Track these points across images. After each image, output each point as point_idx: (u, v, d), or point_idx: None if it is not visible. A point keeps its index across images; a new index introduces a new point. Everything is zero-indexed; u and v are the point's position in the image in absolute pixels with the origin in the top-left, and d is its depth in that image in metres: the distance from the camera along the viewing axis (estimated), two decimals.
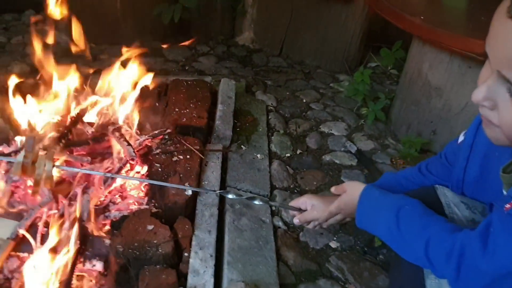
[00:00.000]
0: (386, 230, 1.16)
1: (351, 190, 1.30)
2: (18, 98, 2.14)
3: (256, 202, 1.62)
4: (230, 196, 1.65)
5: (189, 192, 1.85)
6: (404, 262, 1.14)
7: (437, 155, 1.49)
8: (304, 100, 3.03)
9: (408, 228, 1.11)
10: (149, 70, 2.99)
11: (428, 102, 2.52)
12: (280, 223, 1.99)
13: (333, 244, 1.96)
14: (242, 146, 2.37)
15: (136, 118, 2.25)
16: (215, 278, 1.58)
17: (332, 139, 2.64)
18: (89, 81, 2.37)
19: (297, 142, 2.58)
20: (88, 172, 1.86)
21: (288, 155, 2.46)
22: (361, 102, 3.02)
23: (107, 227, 1.81)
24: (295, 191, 2.21)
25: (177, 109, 2.35)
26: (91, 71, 2.59)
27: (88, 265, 1.70)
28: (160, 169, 1.96)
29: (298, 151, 2.50)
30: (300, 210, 1.55)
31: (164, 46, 3.51)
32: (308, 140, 2.62)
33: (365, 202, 1.24)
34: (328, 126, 2.75)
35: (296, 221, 1.55)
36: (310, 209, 1.50)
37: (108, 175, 1.87)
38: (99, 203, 1.87)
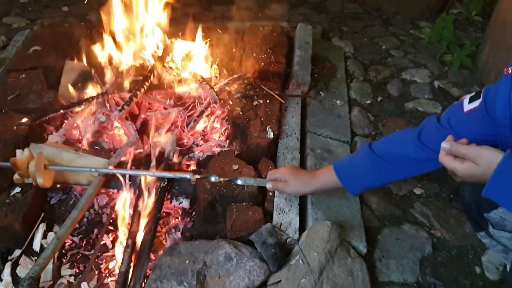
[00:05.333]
0: None
1: (485, 162, 1.05)
2: (102, 42, 2.20)
3: (240, 182, 1.62)
4: (213, 179, 1.61)
5: (271, 135, 1.85)
6: None
7: (433, 122, 1.34)
8: (384, 47, 2.90)
9: None
10: (222, 17, 2.99)
11: None
12: None
13: (417, 191, 1.90)
14: (320, 92, 2.31)
15: (214, 63, 2.26)
16: (300, 217, 1.59)
17: (414, 86, 2.52)
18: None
19: (378, 89, 2.49)
20: (75, 170, 1.71)
21: (369, 102, 2.38)
22: (445, 49, 2.85)
23: (192, 167, 1.85)
24: (377, 138, 2.15)
25: (254, 54, 2.32)
26: None
27: (175, 202, 1.76)
28: (241, 113, 1.97)
29: (379, 98, 2.42)
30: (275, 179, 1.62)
31: None
32: (389, 87, 2.52)
33: (504, 174, 1.03)
34: (410, 73, 2.63)
35: (268, 186, 1.61)
36: (285, 184, 1.57)
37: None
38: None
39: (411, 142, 1.37)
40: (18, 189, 1.68)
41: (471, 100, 1.25)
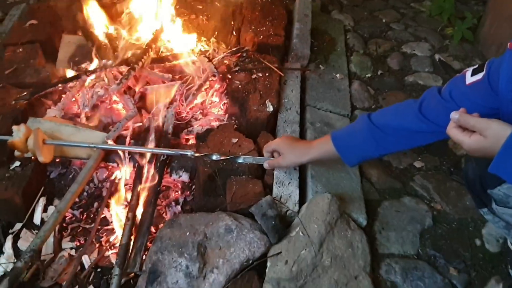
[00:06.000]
0: None
1: (493, 135, 1.01)
2: (98, 16, 2.17)
3: (240, 161, 1.59)
4: (214, 157, 1.58)
5: (270, 108, 1.84)
6: None
7: (434, 94, 1.31)
8: (384, 20, 2.87)
9: None
10: None
11: None
12: None
13: (418, 164, 1.90)
14: (320, 65, 2.29)
15: (212, 36, 2.23)
16: (300, 189, 1.59)
17: (415, 60, 2.50)
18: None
19: (378, 63, 2.47)
20: (74, 145, 1.68)
21: (369, 75, 2.36)
22: (446, 22, 2.82)
23: (191, 141, 1.84)
24: None
25: (253, 27, 2.29)
26: None
27: (174, 176, 1.76)
28: (239, 86, 1.95)
29: (379, 72, 2.40)
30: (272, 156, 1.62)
31: None
32: (389, 60, 2.50)
33: None
34: (410, 46, 2.61)
35: (265, 166, 1.60)
36: (281, 157, 1.56)
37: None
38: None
39: (411, 114, 1.34)
40: (17, 163, 1.67)
41: (474, 73, 1.22)
